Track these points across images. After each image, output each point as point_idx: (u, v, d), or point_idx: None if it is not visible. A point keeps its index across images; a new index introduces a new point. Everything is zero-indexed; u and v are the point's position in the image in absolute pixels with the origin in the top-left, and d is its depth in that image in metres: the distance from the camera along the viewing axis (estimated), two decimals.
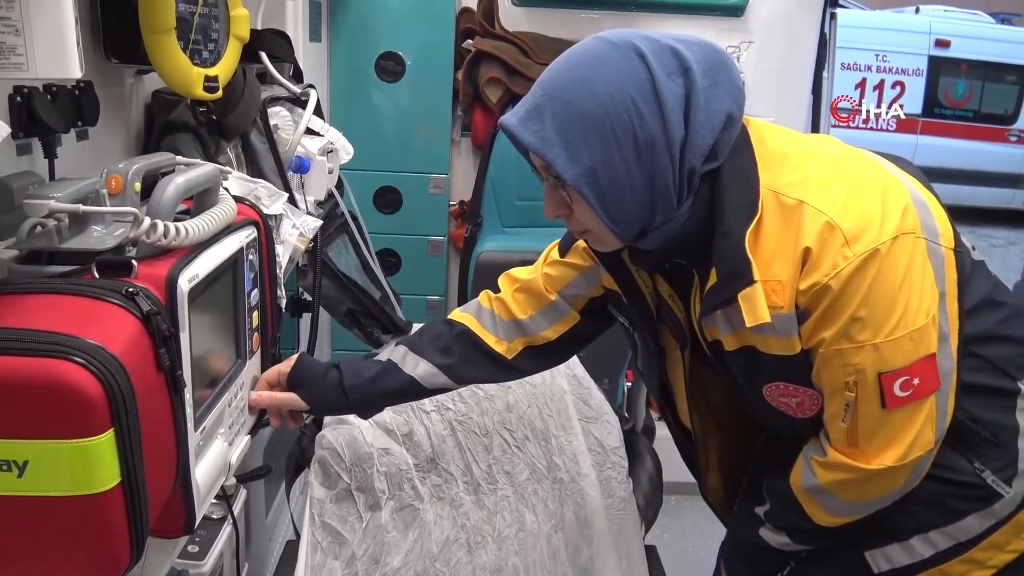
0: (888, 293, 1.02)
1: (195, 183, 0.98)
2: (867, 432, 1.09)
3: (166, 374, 0.81)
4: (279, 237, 1.31)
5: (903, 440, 1.08)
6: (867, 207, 1.03)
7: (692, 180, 1.06)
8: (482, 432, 1.52)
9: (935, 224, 1.08)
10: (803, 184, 1.05)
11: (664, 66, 1.02)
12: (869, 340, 1.03)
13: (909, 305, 1.03)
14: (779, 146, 1.11)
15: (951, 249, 1.09)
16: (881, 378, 1.05)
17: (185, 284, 0.87)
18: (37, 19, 0.73)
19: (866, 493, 1.14)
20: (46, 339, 0.71)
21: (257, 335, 1.20)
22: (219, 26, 1.34)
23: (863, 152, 1.15)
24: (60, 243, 0.88)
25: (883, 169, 1.11)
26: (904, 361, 1.04)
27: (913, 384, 1.05)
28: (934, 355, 1.06)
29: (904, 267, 1.03)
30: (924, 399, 1.07)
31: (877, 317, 1.02)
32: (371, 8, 2.53)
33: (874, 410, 1.07)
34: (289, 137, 1.55)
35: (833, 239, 1.01)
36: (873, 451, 1.09)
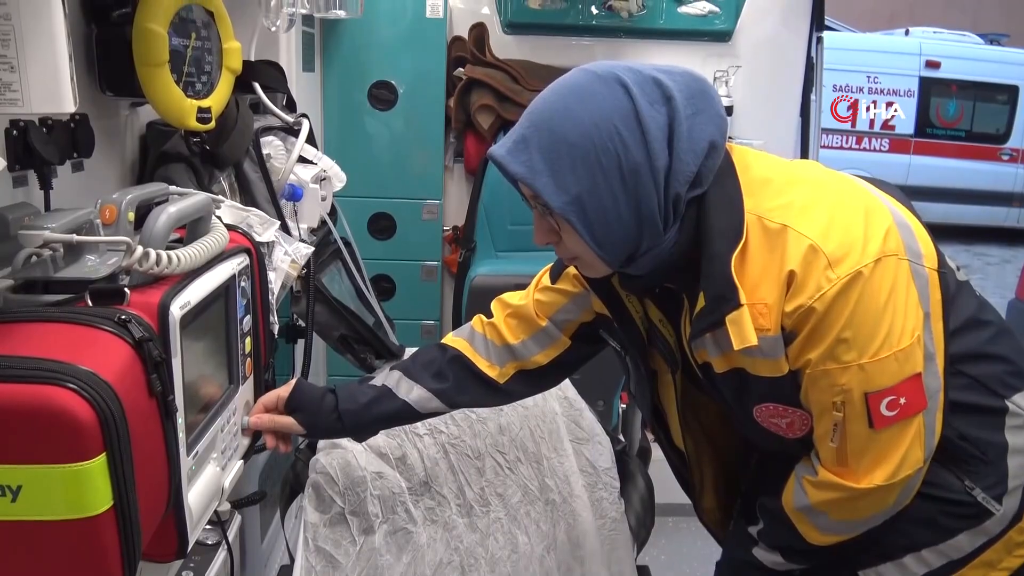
0: (872, 314, 1.04)
1: (187, 212, 1.00)
2: (856, 452, 1.10)
3: (158, 399, 0.83)
4: (271, 264, 1.33)
5: (892, 459, 1.09)
6: (849, 230, 1.05)
7: (677, 206, 1.08)
8: (475, 455, 1.53)
9: (918, 246, 1.10)
10: (786, 208, 1.08)
11: (647, 96, 1.05)
12: (855, 361, 1.05)
13: (894, 326, 1.05)
14: (762, 172, 1.13)
15: (935, 270, 1.11)
16: (868, 398, 1.07)
17: (177, 311, 0.88)
18: (32, 56, 0.76)
19: (857, 512, 1.15)
20: (40, 366, 0.73)
21: (250, 361, 1.21)
22: (212, 59, 1.37)
23: (845, 176, 1.19)
24: (55, 272, 0.90)
25: (865, 192, 1.14)
26: (890, 381, 1.06)
27: (900, 404, 1.07)
28: (920, 375, 1.07)
29: (888, 289, 1.05)
30: (911, 418, 1.09)
31: (862, 338, 1.04)
32: (364, 38, 2.56)
33: (862, 430, 1.08)
34: (282, 166, 1.57)
35: (817, 262, 1.03)
36: (862, 470, 1.11)
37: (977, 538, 1.19)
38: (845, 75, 9.57)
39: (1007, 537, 1.19)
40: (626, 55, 2.86)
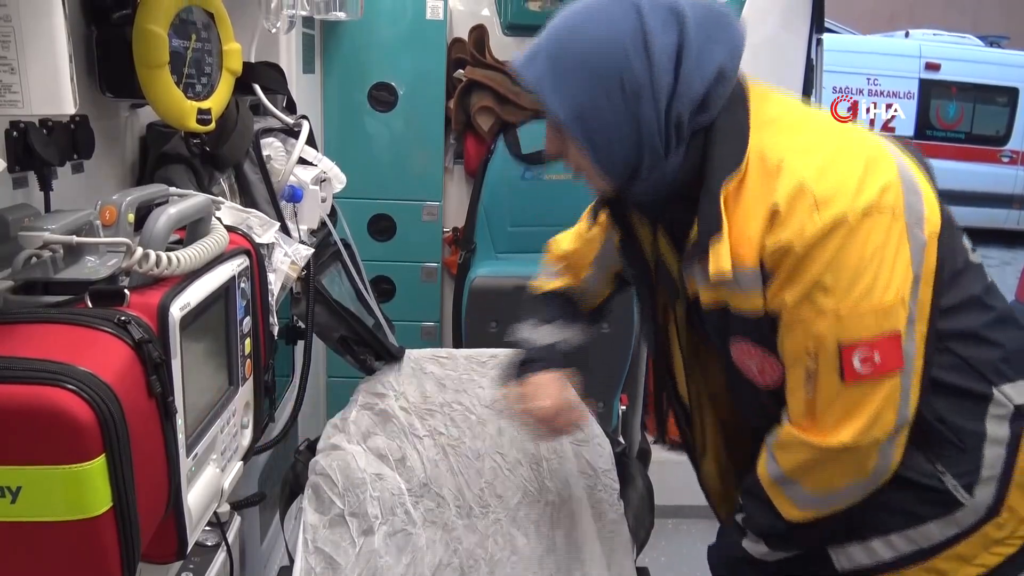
0: (854, 263, 1.03)
1: (187, 214, 1.00)
2: (824, 405, 1.09)
3: (158, 400, 0.83)
4: (271, 265, 1.33)
5: (860, 417, 1.07)
6: (845, 176, 1.05)
7: (680, 130, 1.10)
8: (474, 456, 1.53)
9: (923, 209, 1.09)
10: (788, 147, 1.08)
11: (659, 18, 1.08)
12: (831, 307, 1.04)
13: (877, 280, 1.04)
14: (776, 110, 1.14)
15: (935, 236, 1.09)
16: (841, 349, 1.05)
17: (177, 312, 0.88)
18: (32, 58, 0.76)
19: (832, 481, 1.13)
20: (39, 367, 0.73)
21: (250, 362, 1.21)
22: (212, 60, 1.37)
23: (862, 129, 1.16)
24: (54, 273, 0.90)
25: (877, 146, 1.12)
26: (866, 334, 1.05)
27: (873, 360, 1.06)
28: (899, 334, 1.06)
29: (877, 242, 1.04)
30: (884, 377, 1.07)
31: (841, 285, 1.04)
32: (364, 39, 2.57)
33: (832, 382, 1.07)
34: (282, 167, 1.58)
35: (803, 201, 1.03)
36: (829, 426, 1.09)
37: (948, 528, 1.17)
38: (845, 77, 9.57)
39: (983, 532, 1.17)
40: None
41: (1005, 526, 1.16)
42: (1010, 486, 1.15)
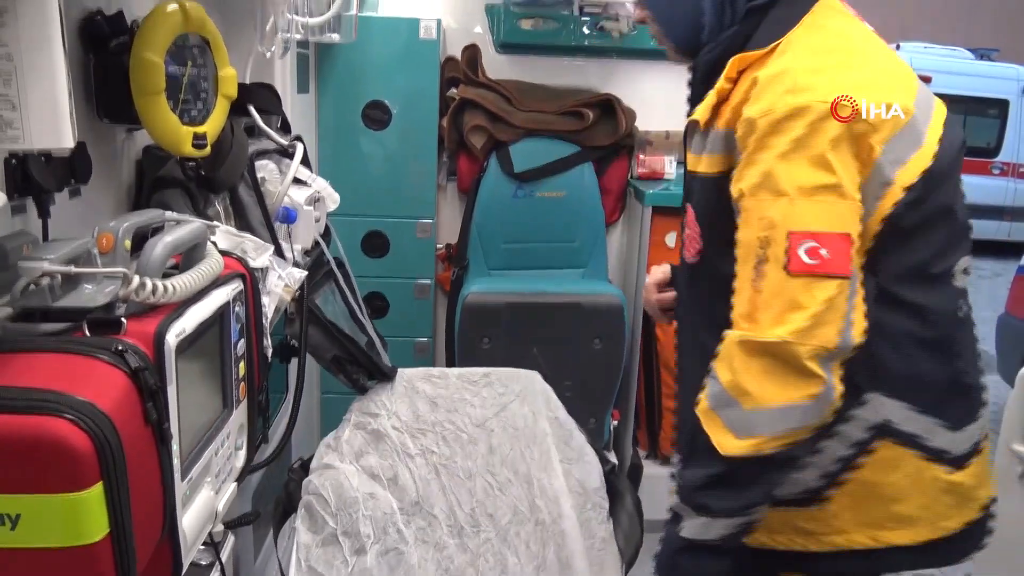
0: (815, 153, 1.05)
1: (183, 241, 1.02)
2: (768, 297, 1.06)
3: (153, 427, 0.85)
4: (265, 288, 1.35)
5: (800, 315, 1.04)
6: (838, 84, 1.07)
7: (736, 7, 1.19)
8: (466, 475, 1.55)
9: (906, 157, 1.10)
10: (807, 43, 1.13)
11: None
12: (786, 191, 1.05)
13: (836, 175, 1.05)
14: (838, 23, 1.19)
15: (904, 188, 1.09)
16: (790, 236, 1.05)
17: (172, 339, 0.90)
18: (33, 95, 0.78)
19: (768, 393, 1.06)
20: (38, 396, 0.75)
21: (244, 384, 1.23)
22: (208, 85, 1.39)
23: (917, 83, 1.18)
24: (52, 301, 0.92)
25: (908, 92, 1.13)
26: (817, 225, 1.04)
27: (821, 255, 1.04)
28: (851, 238, 1.05)
29: (849, 148, 1.06)
30: (830, 278, 1.05)
31: (799, 171, 1.05)
32: (358, 59, 2.60)
33: (778, 272, 1.05)
34: (276, 189, 1.60)
35: (781, 81, 1.08)
36: (769, 320, 1.06)
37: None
38: None
39: (790, 512, 1.19)
40: (618, 75, 2.90)
41: (818, 522, 1.18)
42: (837, 485, 1.17)
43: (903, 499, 1.17)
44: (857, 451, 1.16)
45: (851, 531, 1.18)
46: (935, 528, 1.19)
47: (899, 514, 1.18)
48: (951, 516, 1.20)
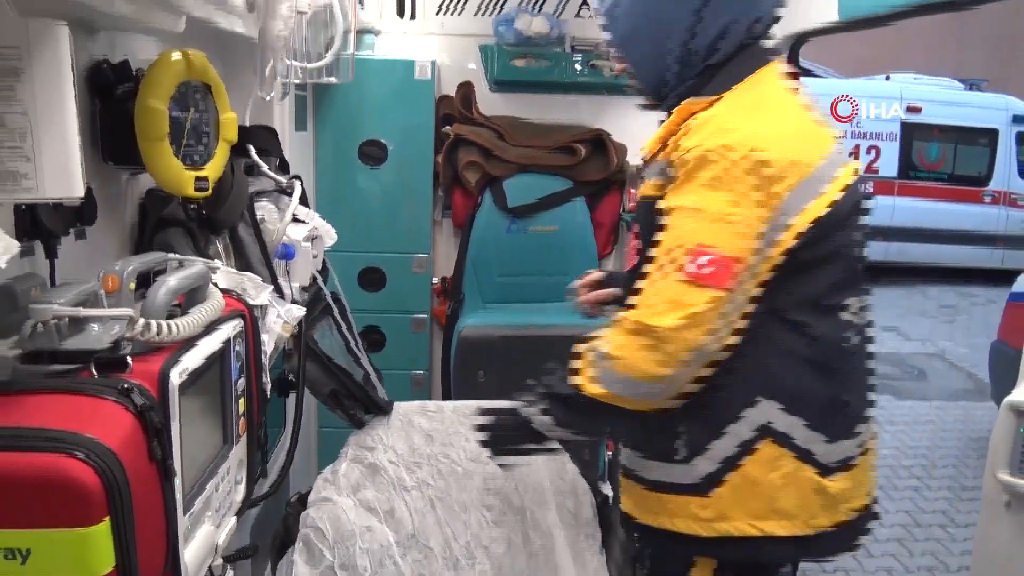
0: (735, 188, 1.27)
1: (186, 283, 1.06)
2: (660, 291, 1.30)
3: (158, 464, 0.88)
4: (265, 326, 1.38)
5: (681, 312, 1.27)
6: (759, 135, 1.30)
7: (694, 64, 1.42)
8: (461, 508, 1.57)
9: (804, 206, 1.31)
10: (743, 96, 1.37)
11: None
12: (701, 213, 1.28)
13: (749, 212, 1.28)
14: (770, 85, 1.42)
15: (798, 231, 1.31)
16: (692, 248, 1.28)
17: (176, 378, 0.94)
18: (47, 149, 0.82)
19: (635, 364, 1.31)
20: (49, 436, 0.78)
21: (243, 420, 1.26)
22: (209, 129, 1.43)
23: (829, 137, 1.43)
24: (60, 342, 0.95)
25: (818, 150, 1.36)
26: (715, 244, 1.27)
27: (711, 269, 1.27)
28: (743, 261, 1.28)
29: (753, 187, 1.27)
30: (714, 288, 1.27)
31: (718, 197, 1.28)
32: (355, 98, 2.65)
33: (674, 275, 1.29)
34: (275, 228, 1.64)
35: (710, 124, 1.31)
36: (656, 311, 1.29)
37: (662, 474, 1.42)
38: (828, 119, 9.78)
39: (688, 499, 1.39)
40: (609, 111, 2.96)
41: (708, 509, 1.39)
42: (727, 477, 1.38)
43: (781, 494, 1.38)
44: (744, 448, 1.37)
45: (737, 519, 1.38)
46: (808, 524, 1.39)
47: (777, 507, 1.38)
48: (822, 516, 1.41)
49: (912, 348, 7.50)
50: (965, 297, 9.73)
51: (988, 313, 8.51)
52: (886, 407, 5.83)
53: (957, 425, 5.54)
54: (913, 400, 6.03)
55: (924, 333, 8.04)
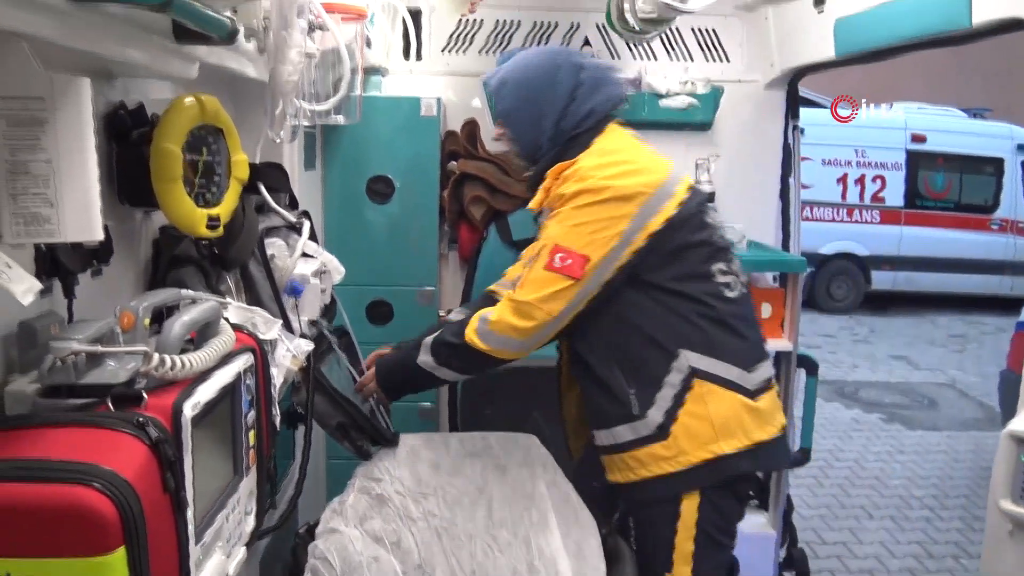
0: (591, 210, 1.73)
1: (199, 320, 1.10)
2: (531, 277, 1.76)
3: (171, 495, 0.92)
4: (274, 360, 1.42)
5: (542, 290, 1.74)
6: (610, 172, 1.75)
7: (563, 138, 1.85)
8: (467, 538, 1.59)
9: (655, 212, 1.75)
10: (595, 150, 1.82)
11: (567, 68, 1.86)
12: (563, 222, 1.75)
13: (598, 225, 1.72)
14: (615, 136, 1.88)
15: (653, 230, 1.74)
16: (553, 247, 1.74)
17: (189, 412, 0.98)
18: (68, 195, 0.87)
19: (506, 325, 1.76)
20: (68, 467, 0.82)
21: (253, 452, 1.29)
22: (221, 170, 1.48)
23: (661, 160, 1.87)
24: (77, 378, 0.99)
25: (655, 171, 1.81)
26: (571, 245, 1.73)
27: (566, 263, 1.73)
28: (588, 259, 1.72)
29: (608, 211, 1.73)
30: (566, 277, 1.73)
31: (575, 217, 1.74)
32: (362, 136, 2.71)
33: (541, 265, 1.75)
34: (285, 264, 1.68)
35: (576, 173, 1.76)
36: (528, 290, 1.75)
37: (630, 433, 1.78)
38: (834, 149, 9.84)
39: (652, 448, 1.76)
40: None
41: (669, 448, 1.75)
42: (676, 420, 1.74)
43: (719, 419, 1.75)
44: (682, 391, 1.75)
45: (694, 450, 1.74)
46: (748, 438, 1.76)
47: (720, 430, 1.75)
48: (758, 431, 1.78)
49: (921, 377, 7.48)
50: (974, 325, 9.71)
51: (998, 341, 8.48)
52: (896, 437, 5.81)
53: (968, 454, 5.51)
54: (923, 429, 6.00)
55: (934, 362, 8.01)
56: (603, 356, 1.82)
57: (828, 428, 5.88)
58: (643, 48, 3.09)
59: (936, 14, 2.00)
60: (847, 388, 6.98)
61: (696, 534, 1.75)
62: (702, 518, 1.76)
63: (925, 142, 10.10)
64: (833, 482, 4.97)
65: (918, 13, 2.08)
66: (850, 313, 10.10)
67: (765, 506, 3.11)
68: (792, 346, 2.89)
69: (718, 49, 3.11)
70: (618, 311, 1.79)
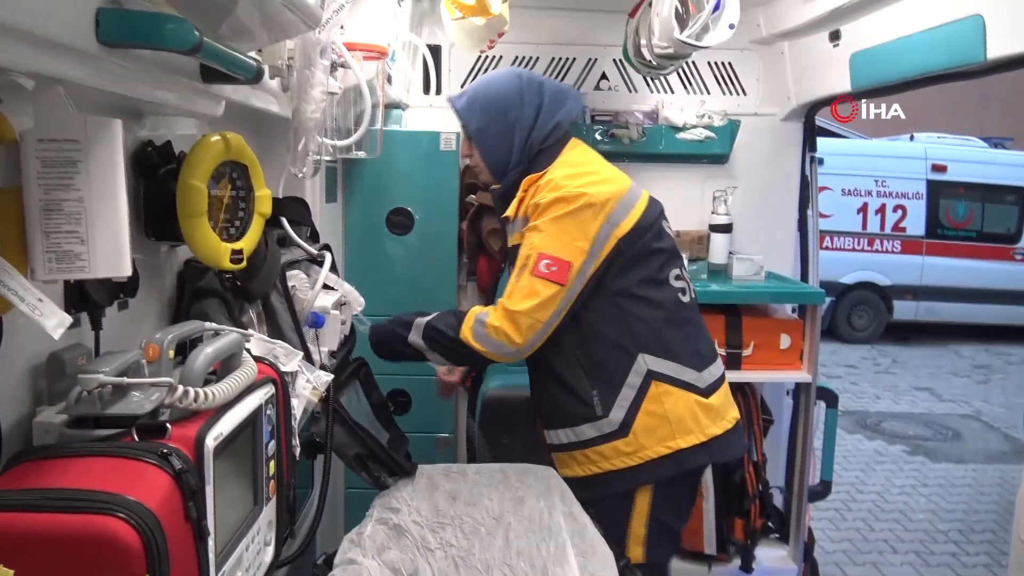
0: (568, 219, 1.91)
1: (222, 352, 1.13)
2: (519, 285, 1.93)
3: (193, 524, 0.93)
4: (295, 392, 1.44)
5: (531, 299, 1.91)
6: (580, 182, 1.95)
7: (531, 151, 2.04)
8: (484, 568, 1.59)
9: (620, 220, 1.95)
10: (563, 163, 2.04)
11: (531, 87, 2.07)
12: (544, 233, 1.92)
13: (576, 231, 1.91)
14: (578, 152, 2.11)
15: (619, 236, 1.94)
16: (539, 255, 1.91)
17: (211, 443, 1.00)
18: (100, 233, 0.90)
19: (501, 332, 1.94)
20: (94, 497, 0.84)
21: (273, 482, 1.31)
22: (245, 205, 1.52)
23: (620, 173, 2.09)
24: (103, 409, 1.02)
25: (616, 182, 2.03)
26: (555, 252, 1.90)
27: (551, 268, 1.89)
28: (571, 265, 1.90)
29: (581, 215, 1.92)
30: (552, 283, 1.90)
31: (556, 224, 1.92)
32: (382, 169, 2.76)
33: (527, 273, 1.91)
34: (306, 296, 1.71)
35: (549, 184, 1.96)
36: (516, 300, 1.92)
37: (594, 431, 1.98)
38: (853, 179, 9.83)
39: (615, 444, 1.96)
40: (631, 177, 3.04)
41: (630, 444, 1.96)
42: (636, 418, 1.95)
43: (676, 417, 1.96)
44: (640, 392, 1.96)
45: (652, 446, 1.96)
46: (704, 434, 1.98)
47: (677, 427, 1.96)
48: (712, 426, 2.00)
49: (946, 409, 7.39)
50: (999, 356, 9.59)
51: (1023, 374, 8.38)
52: (920, 470, 5.74)
53: (995, 488, 5.43)
54: (948, 462, 5.92)
55: (957, 393, 7.92)
56: (567, 359, 1.99)
57: (850, 460, 5.82)
58: (660, 82, 3.13)
59: (951, 48, 2.02)
60: (869, 419, 6.91)
61: (648, 520, 1.99)
62: (655, 506, 1.99)
63: (946, 172, 10.06)
64: (856, 515, 4.91)
65: (933, 47, 2.10)
66: (872, 343, 10.02)
67: (786, 539, 3.08)
68: (811, 378, 2.88)
69: (735, 83, 3.15)
70: (584, 316, 1.97)
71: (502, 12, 2.26)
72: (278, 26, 1.34)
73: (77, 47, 0.82)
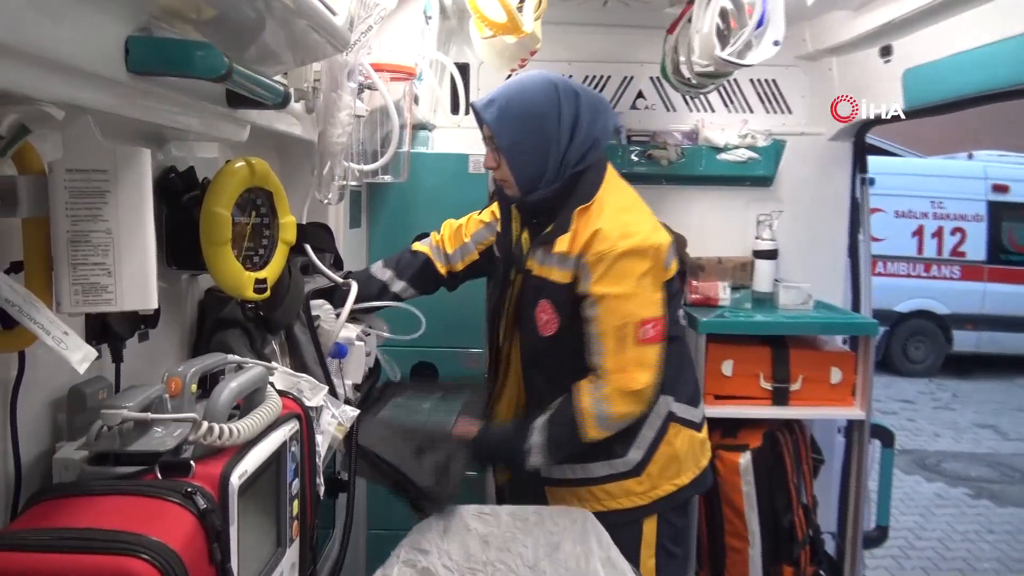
0: (645, 272, 1.92)
1: (246, 387, 1.15)
2: (629, 357, 1.93)
3: (217, 567, 0.95)
4: (319, 427, 1.46)
5: (648, 368, 1.95)
6: (641, 228, 1.96)
7: (566, 170, 1.99)
8: None
9: (671, 266, 2.02)
10: (615, 202, 2.01)
11: (567, 97, 1.98)
12: (634, 295, 1.92)
13: (656, 286, 1.95)
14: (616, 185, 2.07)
15: (664, 283, 1.98)
16: (639, 321, 1.91)
17: (236, 481, 1.02)
18: (127, 265, 0.93)
19: (626, 409, 1.95)
20: (116, 538, 0.86)
21: (297, 523, 1.33)
22: (269, 232, 1.55)
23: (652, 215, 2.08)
24: (125, 445, 1.04)
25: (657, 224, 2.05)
26: (651, 313, 1.93)
27: (652, 331, 1.93)
28: (664, 319, 1.95)
29: (657, 272, 1.95)
30: (657, 344, 1.95)
31: (643, 285, 1.93)
32: (409, 192, 2.79)
33: (633, 343, 1.92)
34: (330, 328, 1.74)
35: (615, 230, 1.92)
36: (630, 374, 1.93)
37: (605, 470, 2.05)
38: (907, 200, 9.72)
39: (626, 483, 2.04)
40: (668, 201, 3.06)
41: (642, 484, 2.05)
42: (652, 459, 2.05)
43: (683, 456, 2.10)
44: (660, 433, 2.07)
45: (662, 485, 2.07)
46: (698, 467, 2.15)
47: (683, 466, 2.10)
48: (703, 459, 2.18)
49: (1012, 448, 7.23)
50: None
51: None
52: (984, 514, 5.62)
53: None
54: (1015, 506, 5.79)
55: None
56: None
57: (908, 504, 5.71)
58: (700, 100, 3.15)
59: (1010, 64, 2.01)
60: (928, 460, 6.79)
61: (656, 551, 2.09)
62: (661, 535, 2.09)
63: (1008, 192, 9.92)
64: (915, 563, 4.82)
65: (994, 63, 2.10)
66: (930, 377, 9.85)
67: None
68: (865, 415, 2.85)
69: (779, 101, 3.16)
70: None
71: (534, 30, 2.28)
72: (305, 49, 1.38)
73: (107, 76, 0.86)
